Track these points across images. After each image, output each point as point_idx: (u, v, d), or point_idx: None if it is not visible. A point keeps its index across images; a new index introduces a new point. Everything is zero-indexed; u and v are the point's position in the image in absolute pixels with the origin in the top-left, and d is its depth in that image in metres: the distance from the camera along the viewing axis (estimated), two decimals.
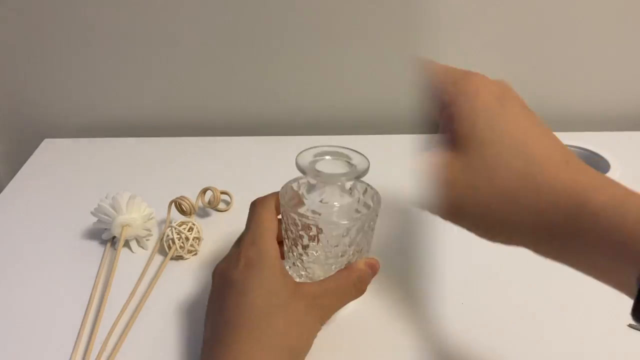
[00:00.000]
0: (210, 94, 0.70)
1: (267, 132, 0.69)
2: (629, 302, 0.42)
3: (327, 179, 0.36)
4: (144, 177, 0.60)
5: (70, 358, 0.37)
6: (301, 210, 0.37)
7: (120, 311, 0.41)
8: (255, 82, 0.69)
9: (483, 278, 0.45)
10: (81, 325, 0.40)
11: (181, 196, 0.50)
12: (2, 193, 0.56)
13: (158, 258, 0.47)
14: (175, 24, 0.64)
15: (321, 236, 0.37)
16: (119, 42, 0.65)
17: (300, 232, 0.37)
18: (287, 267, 0.40)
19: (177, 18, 0.63)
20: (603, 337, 0.40)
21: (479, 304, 0.42)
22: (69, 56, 0.65)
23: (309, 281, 0.39)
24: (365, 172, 0.36)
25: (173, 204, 0.51)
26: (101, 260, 0.47)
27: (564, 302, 0.43)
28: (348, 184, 0.38)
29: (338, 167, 0.37)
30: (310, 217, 0.36)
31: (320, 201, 0.38)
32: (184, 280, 0.44)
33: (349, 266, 0.37)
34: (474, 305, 0.42)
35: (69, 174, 0.60)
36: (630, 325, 0.41)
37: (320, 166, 0.37)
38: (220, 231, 0.50)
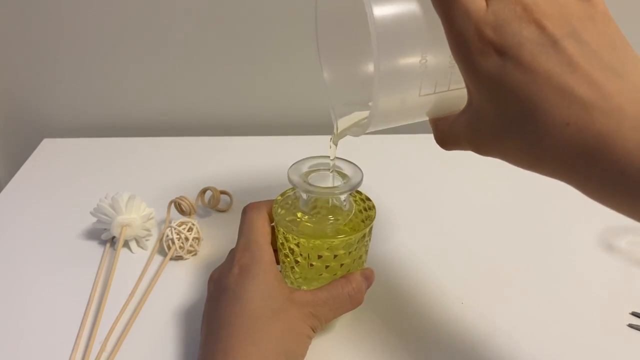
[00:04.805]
0: (210, 94, 0.70)
1: (267, 132, 0.69)
2: (628, 302, 0.41)
3: (319, 194, 0.36)
4: (143, 177, 0.60)
5: (70, 358, 0.37)
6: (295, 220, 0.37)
7: (120, 311, 0.41)
8: (255, 82, 0.69)
9: (483, 278, 0.45)
10: (81, 325, 0.40)
11: (181, 196, 0.50)
12: (1, 193, 0.56)
13: (158, 258, 0.47)
14: (175, 25, 0.64)
15: None
16: (118, 42, 0.65)
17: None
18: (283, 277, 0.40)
19: (177, 19, 0.63)
20: (603, 337, 0.40)
21: (479, 304, 0.42)
22: (68, 56, 0.65)
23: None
24: (358, 185, 0.36)
25: (172, 204, 0.51)
26: (100, 260, 0.47)
27: (564, 303, 0.43)
28: (343, 196, 0.37)
29: (332, 179, 0.37)
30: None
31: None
32: (184, 280, 0.44)
33: (344, 276, 0.37)
34: (474, 305, 0.42)
35: (69, 173, 0.60)
36: (630, 325, 0.41)
37: (313, 178, 0.37)
38: (220, 231, 0.50)
